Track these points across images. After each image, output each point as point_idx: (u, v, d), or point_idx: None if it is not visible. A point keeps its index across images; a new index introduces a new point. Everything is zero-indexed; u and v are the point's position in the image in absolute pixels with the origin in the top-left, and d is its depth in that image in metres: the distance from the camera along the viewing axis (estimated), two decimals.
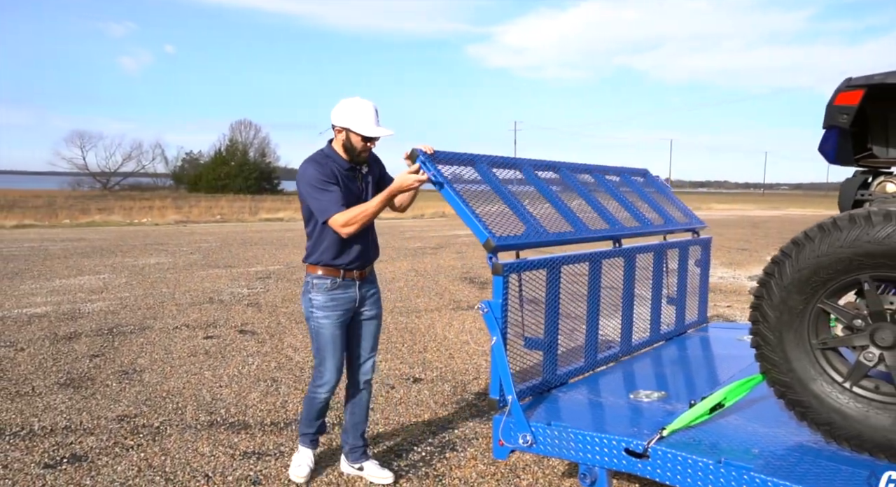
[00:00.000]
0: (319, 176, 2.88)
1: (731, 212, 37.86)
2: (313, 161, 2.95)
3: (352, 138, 2.92)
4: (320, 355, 3.09)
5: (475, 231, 2.72)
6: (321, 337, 3.07)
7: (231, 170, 48.89)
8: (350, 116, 2.90)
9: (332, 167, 2.93)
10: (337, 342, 3.09)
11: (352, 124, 2.90)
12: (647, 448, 2.29)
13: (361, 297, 3.13)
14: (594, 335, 3.36)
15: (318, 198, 2.88)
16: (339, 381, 3.14)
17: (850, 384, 2.22)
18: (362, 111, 2.91)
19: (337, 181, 2.92)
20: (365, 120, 2.90)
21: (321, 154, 3.00)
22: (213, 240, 15.05)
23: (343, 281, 3.05)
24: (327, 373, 3.10)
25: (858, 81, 2.42)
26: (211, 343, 5.86)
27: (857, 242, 2.11)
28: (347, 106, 2.93)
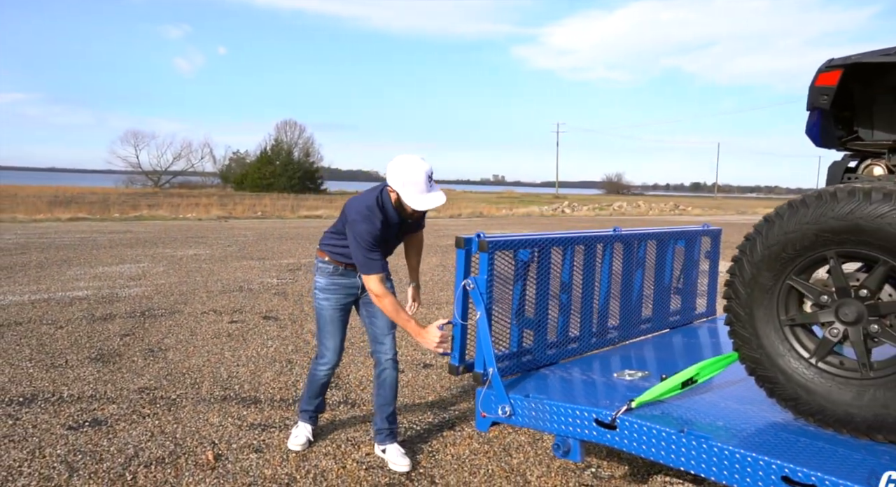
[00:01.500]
0: (368, 236, 2.97)
1: None
2: (369, 220, 2.99)
3: (403, 203, 3.00)
4: (321, 334, 3.27)
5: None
6: (321, 318, 3.25)
7: (276, 169, 49.94)
8: (404, 183, 2.94)
9: (383, 220, 3.03)
10: (336, 324, 3.24)
11: (404, 193, 2.95)
12: (614, 418, 2.35)
13: (363, 283, 3.18)
14: (588, 318, 3.41)
15: (365, 255, 2.98)
16: (338, 362, 3.31)
17: (815, 360, 2.24)
18: (416, 179, 2.92)
19: (384, 232, 3.04)
20: (417, 190, 2.94)
21: (376, 205, 3.03)
22: (250, 234, 15.51)
23: (345, 271, 3.21)
24: (328, 353, 3.27)
25: (838, 61, 2.43)
26: (235, 327, 6.11)
27: (823, 218, 2.13)
28: (402, 168, 2.94)
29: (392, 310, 3.02)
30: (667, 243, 3.99)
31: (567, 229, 20.44)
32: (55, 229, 15.61)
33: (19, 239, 13.08)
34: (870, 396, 2.09)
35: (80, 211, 21.15)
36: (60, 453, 3.31)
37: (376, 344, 3.32)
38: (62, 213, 19.69)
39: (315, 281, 3.27)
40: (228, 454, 3.35)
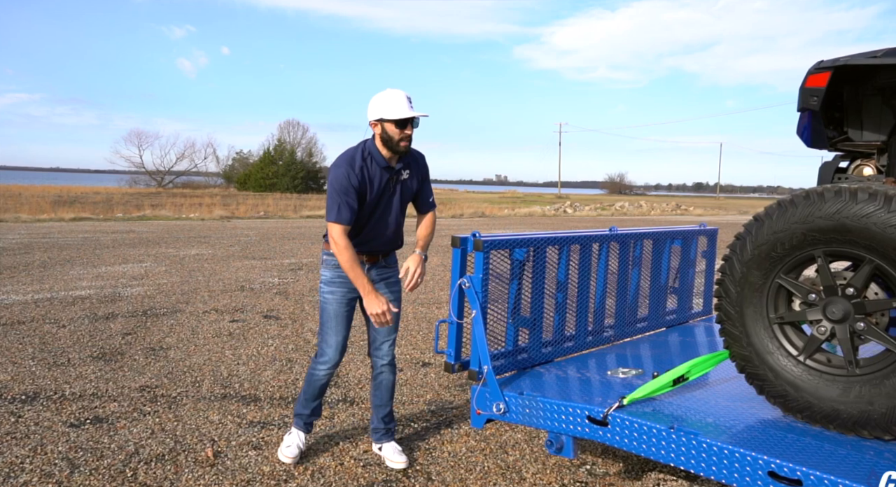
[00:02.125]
0: (344, 180, 2.86)
1: None
2: (349, 163, 2.90)
3: (387, 128, 2.88)
4: (324, 330, 3.15)
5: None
6: (325, 312, 3.13)
7: (279, 169, 49.97)
8: (382, 105, 2.87)
9: (365, 169, 2.92)
10: (340, 319, 3.12)
11: (384, 112, 2.86)
12: (606, 415, 2.39)
13: (371, 280, 3.07)
14: (584, 317, 3.45)
15: (335, 199, 2.88)
16: (340, 360, 3.17)
17: (803, 357, 2.28)
18: (394, 98, 2.87)
19: (365, 186, 2.92)
20: (397, 105, 2.85)
21: (362, 150, 2.95)
22: (253, 234, 15.57)
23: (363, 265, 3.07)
24: (329, 350, 3.13)
25: (827, 63, 2.46)
26: (236, 326, 6.16)
27: (810, 218, 2.17)
28: (379, 97, 2.91)
29: (348, 264, 2.87)
30: (663, 242, 4.02)
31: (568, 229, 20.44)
32: (58, 229, 15.69)
33: (23, 238, 13.15)
34: (856, 393, 2.13)
35: (84, 211, 21.24)
36: (62, 450, 3.35)
37: (374, 347, 3.27)
38: (65, 213, 19.78)
39: (321, 275, 3.15)
40: (227, 451, 3.39)
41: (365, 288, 2.90)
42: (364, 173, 2.91)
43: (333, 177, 2.91)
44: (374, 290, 2.93)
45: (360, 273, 2.90)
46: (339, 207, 2.87)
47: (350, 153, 2.94)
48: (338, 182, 2.88)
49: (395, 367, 3.33)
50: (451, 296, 2.97)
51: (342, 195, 2.86)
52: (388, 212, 3.08)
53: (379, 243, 3.12)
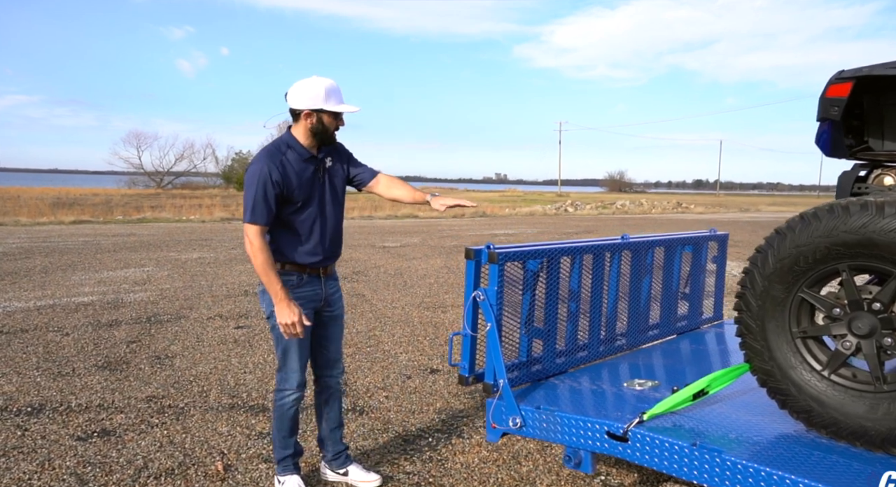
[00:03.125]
0: (267, 177, 2.65)
1: (781, 213, 36.73)
2: (269, 157, 2.71)
3: (324, 120, 2.74)
4: (286, 357, 2.88)
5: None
6: (284, 339, 2.82)
7: None
8: (320, 96, 2.69)
9: (287, 164, 2.72)
10: (304, 342, 2.89)
11: (323, 103, 2.69)
12: (626, 431, 2.35)
13: (326, 295, 2.94)
14: (597, 326, 3.41)
15: (254, 197, 2.65)
16: (305, 382, 2.95)
17: (828, 372, 2.24)
18: (332, 89, 2.72)
19: (290, 181, 2.72)
20: (337, 97, 2.74)
21: (281, 144, 2.77)
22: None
23: (308, 278, 2.86)
24: (294, 375, 2.90)
25: (848, 73, 2.42)
26: (241, 332, 6.12)
27: (835, 232, 2.13)
28: (313, 86, 2.70)
29: (262, 268, 2.66)
30: (674, 249, 3.98)
31: (571, 228, 20.35)
32: (58, 232, 15.65)
33: (23, 243, 13.11)
34: (884, 409, 2.09)
35: (84, 213, 21.20)
36: (70, 465, 3.32)
37: (326, 368, 3.07)
38: (65, 216, 19.74)
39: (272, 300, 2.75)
40: (238, 464, 3.36)
41: (278, 294, 2.68)
42: (287, 168, 2.72)
43: (250, 173, 2.68)
44: (289, 298, 2.71)
45: (275, 277, 2.68)
46: (255, 206, 2.65)
47: (269, 148, 2.76)
48: (255, 177, 2.65)
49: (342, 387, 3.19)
50: (465, 309, 2.93)
51: (260, 192, 2.64)
52: (325, 205, 2.89)
53: (329, 244, 2.92)
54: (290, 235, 2.82)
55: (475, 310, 2.93)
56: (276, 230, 2.80)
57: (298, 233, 2.83)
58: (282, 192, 2.71)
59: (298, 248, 2.84)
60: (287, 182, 2.72)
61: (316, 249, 2.88)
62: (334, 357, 3.09)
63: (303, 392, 2.96)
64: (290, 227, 2.81)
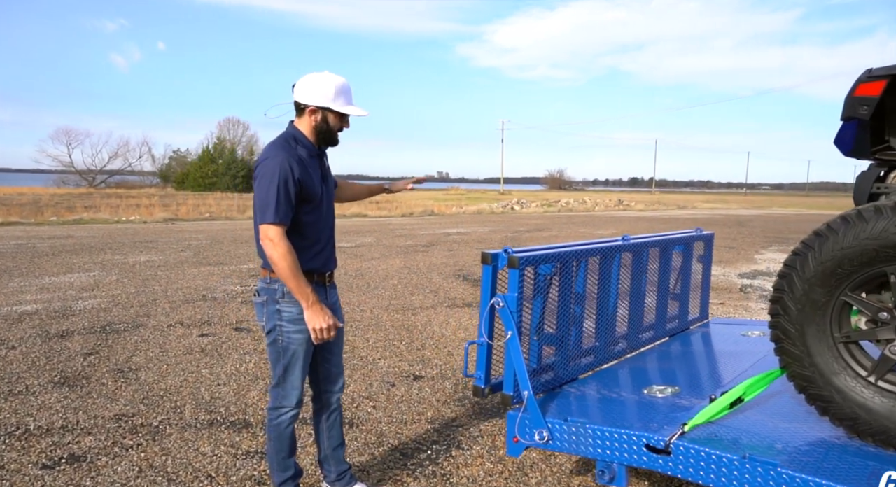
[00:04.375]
0: (288, 173, 2.44)
1: (716, 210, 38.14)
2: (286, 150, 2.50)
3: (329, 119, 2.56)
4: (287, 373, 2.64)
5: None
6: (290, 354, 2.61)
7: (219, 168, 48.56)
8: (329, 94, 2.52)
9: (301, 157, 2.54)
10: (307, 358, 2.68)
11: (332, 101, 2.52)
12: (668, 443, 2.25)
13: (331, 304, 2.71)
14: (604, 331, 3.32)
15: (278, 195, 2.42)
16: (303, 400, 2.73)
17: (874, 378, 2.20)
18: (343, 88, 2.55)
19: (308, 178, 2.54)
20: (347, 98, 2.57)
21: (289, 138, 2.58)
22: (203, 237, 14.89)
23: (315, 287, 2.60)
24: (294, 392, 2.67)
25: (880, 72, 2.39)
26: (206, 340, 5.77)
27: (885, 233, 2.08)
28: (323, 82, 2.52)
29: (290, 272, 2.43)
30: (669, 249, 3.95)
31: (522, 226, 20.43)
32: None
33: None
34: None
35: (11, 214, 19.88)
36: None
37: (328, 382, 2.85)
38: None
39: (278, 312, 2.57)
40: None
41: (309, 298, 2.49)
42: (301, 162, 2.52)
43: (268, 168, 2.44)
44: (320, 303, 2.53)
45: (304, 281, 2.48)
46: (279, 204, 2.41)
47: (279, 142, 2.54)
48: (276, 172, 2.41)
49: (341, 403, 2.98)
50: (481, 316, 2.77)
51: (282, 188, 2.41)
52: (329, 206, 2.72)
53: (332, 250, 2.73)
54: (299, 239, 2.57)
55: (493, 318, 2.78)
56: (289, 234, 2.54)
57: (307, 237, 2.60)
58: (301, 190, 2.51)
59: (307, 253, 2.61)
60: (304, 178, 2.52)
61: (323, 254, 2.69)
62: (336, 371, 2.88)
63: (300, 409, 2.73)
64: (299, 230, 2.57)
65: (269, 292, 2.58)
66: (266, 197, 2.43)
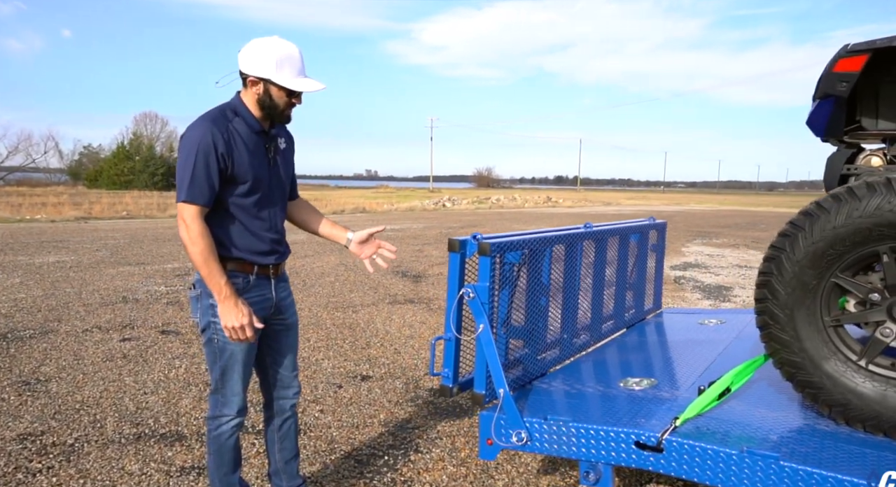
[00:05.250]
0: (210, 147, 2.14)
1: (639, 207, 39.44)
2: (212, 121, 2.19)
3: (273, 93, 2.23)
4: (225, 377, 2.33)
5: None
6: (227, 355, 2.30)
7: (136, 165, 46.18)
8: (271, 63, 2.18)
9: (233, 132, 2.22)
10: (249, 359, 2.37)
11: (274, 74, 2.19)
12: (661, 440, 2.09)
13: (278, 300, 2.44)
14: (571, 322, 3.16)
15: (194, 171, 2.13)
16: (247, 407, 2.42)
17: (865, 362, 2.11)
18: (288, 57, 2.20)
19: (239, 155, 2.21)
20: (292, 68, 2.21)
21: (227, 109, 2.26)
22: (120, 236, 13.92)
23: (256, 280, 2.34)
24: (234, 398, 2.36)
25: (861, 46, 2.31)
26: (129, 345, 5.25)
27: (879, 211, 1.99)
28: (267, 49, 2.19)
29: (202, 258, 2.14)
30: (627, 238, 3.85)
31: (455, 222, 20.34)
32: None
33: None
34: None
35: None
36: None
37: (280, 387, 2.55)
38: None
39: (211, 307, 2.25)
40: None
41: (222, 291, 2.17)
42: (234, 138, 2.21)
43: (187, 141, 2.16)
44: (236, 295, 2.20)
45: (218, 270, 2.17)
46: (194, 181, 2.12)
47: (212, 112, 2.23)
48: (194, 146, 2.13)
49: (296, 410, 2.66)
50: (448, 309, 2.54)
51: (201, 164, 2.13)
52: (277, 194, 2.39)
53: (280, 240, 2.41)
54: (235, 225, 2.28)
55: (461, 310, 2.55)
56: (217, 218, 2.26)
57: (244, 224, 2.30)
58: (227, 168, 2.19)
59: (245, 243, 2.31)
60: (234, 155, 2.20)
61: (266, 244, 2.36)
62: (288, 374, 2.57)
63: (243, 418, 2.42)
64: (234, 215, 2.27)
65: (204, 285, 2.26)
66: (182, 172, 2.15)
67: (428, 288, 8.31)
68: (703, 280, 9.46)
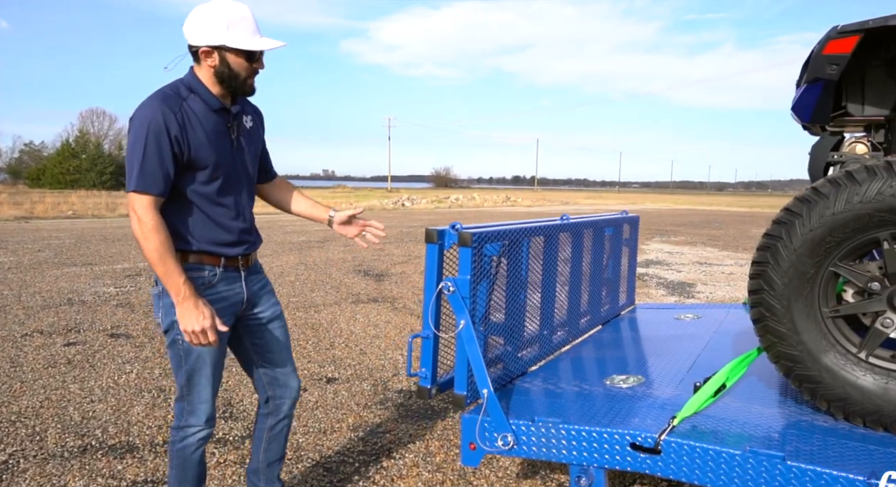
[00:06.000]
0: (162, 128, 1.92)
1: (597, 206, 39.96)
2: (163, 100, 1.96)
3: (230, 61, 2.01)
4: (191, 383, 2.14)
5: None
6: (193, 357, 2.11)
7: (82, 163, 44.50)
8: (222, 27, 1.97)
9: (188, 111, 2.00)
10: (218, 361, 2.17)
11: (227, 38, 1.97)
12: (658, 441, 1.96)
13: (251, 294, 2.24)
14: (550, 317, 3.03)
15: (144, 157, 1.91)
16: (215, 417, 2.24)
17: (865, 354, 2.03)
18: (240, 18, 1.99)
19: (194, 136, 2.00)
20: (247, 29, 2.00)
21: (180, 86, 2.04)
22: (65, 236, 13.26)
23: (224, 273, 2.14)
24: (201, 406, 2.16)
25: (852, 27, 2.23)
26: (75, 350, 4.91)
27: (880, 196, 1.91)
28: (214, 13, 1.97)
29: (157, 254, 1.92)
30: (603, 231, 3.75)
31: (416, 221, 20.17)
32: None
33: None
34: None
35: None
36: None
37: (278, 384, 2.38)
38: None
39: (174, 306, 2.01)
40: None
41: (181, 290, 1.95)
42: (189, 118, 1.99)
43: (136, 122, 1.94)
44: (195, 295, 1.98)
45: (175, 267, 1.95)
46: (144, 167, 1.90)
47: (163, 90, 2.01)
48: (143, 128, 1.91)
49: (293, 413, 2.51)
50: (426, 304, 2.37)
51: (152, 148, 1.91)
52: (243, 178, 2.18)
53: (248, 228, 2.22)
54: (196, 215, 2.08)
55: (440, 306, 2.39)
56: (175, 208, 2.05)
57: (207, 213, 2.10)
58: (182, 151, 1.98)
59: (208, 233, 2.11)
60: (190, 137, 1.99)
61: (232, 234, 2.15)
62: (282, 370, 2.38)
63: (212, 429, 2.23)
64: (194, 204, 2.07)
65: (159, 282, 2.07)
66: (131, 158, 1.94)
67: (391, 286, 8.11)
68: (665, 276, 9.52)
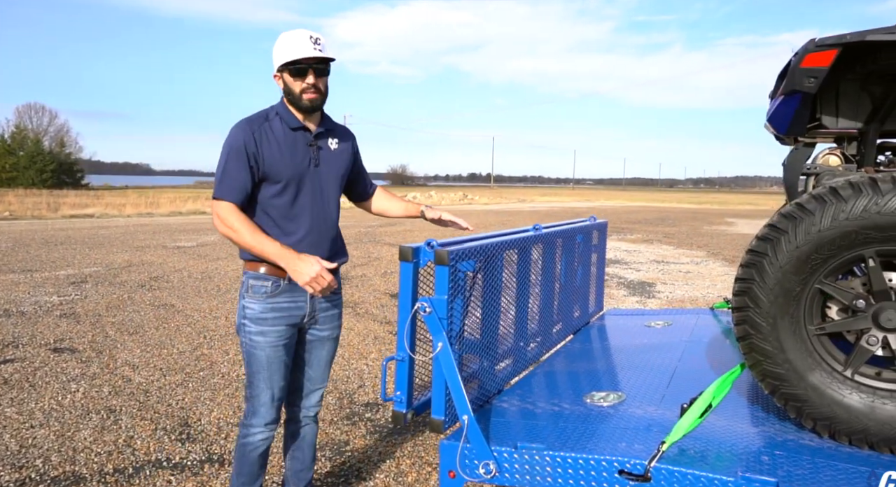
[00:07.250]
0: (241, 146, 2.20)
1: (552, 203, 40.43)
2: (247, 122, 2.28)
3: (286, 80, 2.26)
4: (253, 383, 2.33)
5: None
6: (254, 359, 2.30)
7: (20, 160, 42.56)
8: (278, 54, 2.25)
9: (267, 131, 2.26)
10: (275, 367, 2.32)
11: (279, 56, 2.24)
12: (648, 468, 1.90)
13: (313, 310, 2.37)
14: (523, 331, 2.95)
15: (224, 170, 2.21)
16: (278, 419, 2.39)
17: (850, 372, 2.01)
18: (291, 38, 2.24)
19: (270, 152, 2.24)
20: (294, 45, 2.21)
21: (270, 111, 2.34)
22: (2, 240, 12.58)
23: (289, 285, 2.28)
24: (262, 409, 2.34)
25: (830, 40, 2.21)
26: (12, 368, 4.59)
27: (866, 213, 1.88)
28: (277, 43, 2.27)
29: (249, 238, 2.18)
30: (574, 239, 3.70)
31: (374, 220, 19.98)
32: None
33: None
34: None
35: None
36: None
37: (300, 396, 2.51)
38: None
39: (242, 308, 2.31)
40: None
41: (278, 252, 2.17)
42: (268, 137, 2.25)
43: (226, 142, 2.27)
44: (290, 250, 2.19)
45: (267, 239, 2.20)
46: (223, 179, 2.21)
47: (252, 115, 2.32)
48: (226, 147, 2.24)
49: (317, 420, 2.60)
50: (400, 326, 2.25)
51: (231, 163, 2.22)
52: (320, 192, 2.35)
53: (321, 241, 2.35)
54: (269, 226, 2.28)
55: (415, 327, 2.27)
56: (254, 215, 2.28)
57: (280, 225, 2.28)
58: (258, 166, 2.23)
59: (284, 240, 2.26)
60: (265, 153, 2.24)
61: (303, 247, 2.26)
62: (311, 386, 2.51)
63: (273, 432, 2.40)
64: (268, 216, 2.28)
65: (242, 285, 2.34)
66: (217, 171, 2.26)
67: (352, 290, 7.94)
68: (625, 276, 9.61)
